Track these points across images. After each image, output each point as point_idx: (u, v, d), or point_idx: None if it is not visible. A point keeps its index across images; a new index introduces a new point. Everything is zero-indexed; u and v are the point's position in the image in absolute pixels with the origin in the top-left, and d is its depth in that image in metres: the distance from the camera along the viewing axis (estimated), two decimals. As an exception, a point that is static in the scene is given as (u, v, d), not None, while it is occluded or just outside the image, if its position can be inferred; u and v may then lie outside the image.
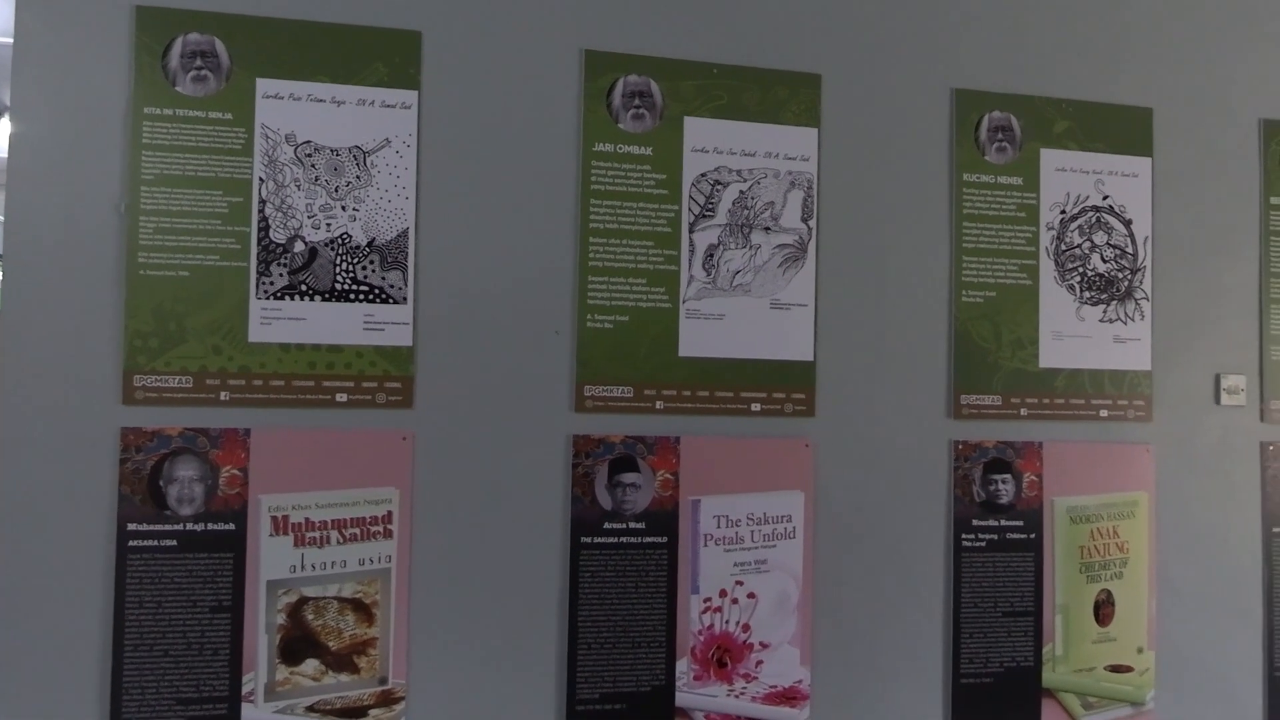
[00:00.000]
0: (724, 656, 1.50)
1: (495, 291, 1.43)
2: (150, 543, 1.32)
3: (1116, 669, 1.66)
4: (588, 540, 1.45)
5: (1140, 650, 1.67)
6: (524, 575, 1.43)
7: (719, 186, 1.52)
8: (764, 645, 1.51)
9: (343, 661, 1.39)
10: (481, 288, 1.42)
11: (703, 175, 1.51)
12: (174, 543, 1.32)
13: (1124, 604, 1.66)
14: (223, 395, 1.34)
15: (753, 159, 1.53)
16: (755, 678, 1.51)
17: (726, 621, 1.50)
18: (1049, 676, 1.62)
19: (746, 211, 1.53)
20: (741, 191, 1.53)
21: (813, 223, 1.56)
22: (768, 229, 1.54)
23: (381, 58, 1.40)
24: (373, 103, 1.40)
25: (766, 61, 1.55)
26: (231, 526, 1.34)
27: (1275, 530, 1.75)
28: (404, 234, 1.40)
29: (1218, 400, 1.73)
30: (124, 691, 1.30)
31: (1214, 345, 1.74)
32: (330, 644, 1.38)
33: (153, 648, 1.31)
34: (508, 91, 1.45)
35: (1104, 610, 1.66)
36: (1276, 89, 1.80)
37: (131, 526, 1.32)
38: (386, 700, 1.40)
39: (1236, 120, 1.77)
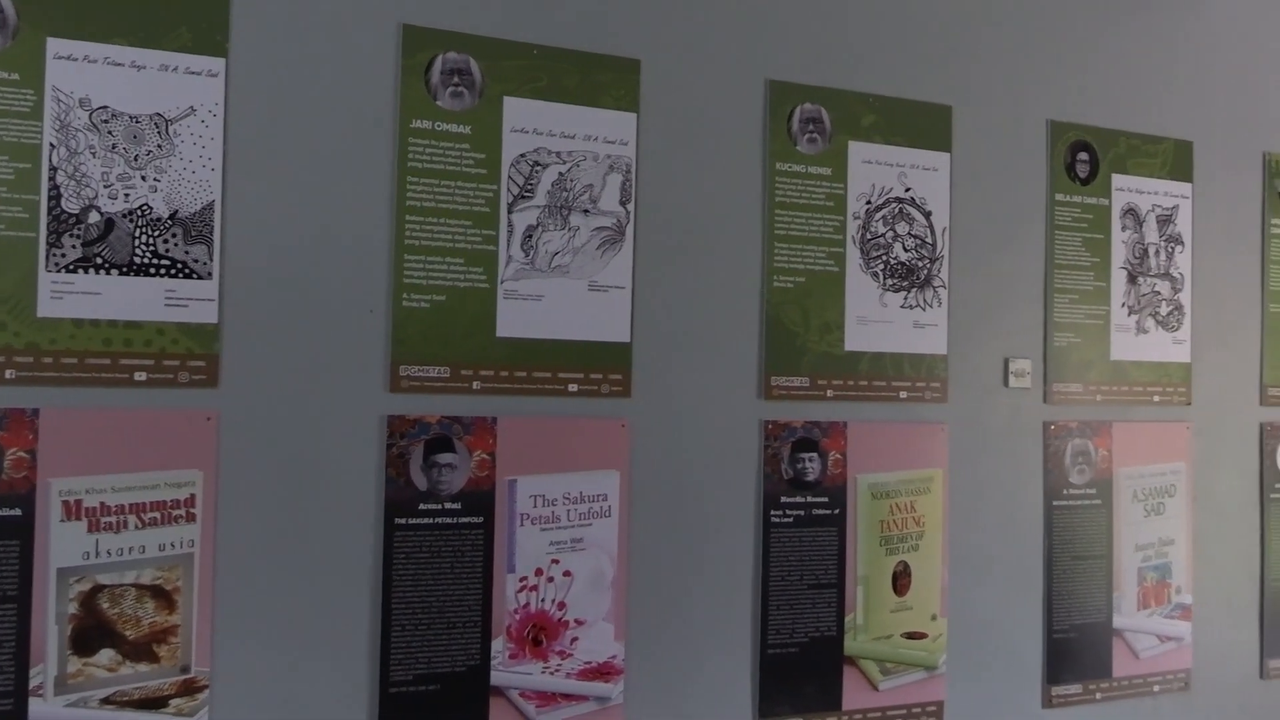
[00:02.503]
0: (539, 635, 2.06)
1: (307, 268, 1.90)
2: (-72, 528, 1.59)
3: (912, 636, 2.39)
4: (402, 521, 1.95)
5: (934, 618, 2.41)
6: (335, 558, 1.91)
7: (538, 168, 2.07)
8: (579, 622, 2.09)
9: (141, 651, 1.78)
10: (292, 264, 1.89)
11: (522, 156, 2.06)
12: (-46, 528, 1.63)
13: (920, 574, 2.40)
14: (8, 374, 1.70)
15: (572, 141, 2.10)
16: (570, 654, 2.08)
17: (542, 600, 2.06)
18: (850, 645, 2.31)
19: (565, 193, 2.09)
20: (561, 173, 2.09)
21: (631, 206, 2.15)
22: (586, 211, 2.11)
23: (186, 21, 1.82)
24: (176, 69, 1.82)
25: (587, 45, 2.12)
26: (17, 512, 1.70)
27: (1055, 504, 2.56)
28: (209, 207, 1.83)
29: (1006, 383, 2.51)
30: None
31: (1003, 331, 2.51)
32: (128, 633, 1.76)
33: (-69, 639, 1.54)
34: (322, 64, 1.92)
35: (901, 581, 2.39)
36: (1063, 92, 2.61)
37: (-92, 511, 1.63)
38: (189, 689, 1.80)
39: (1027, 120, 2.55)
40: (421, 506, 1.85)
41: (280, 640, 1.76)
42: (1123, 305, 2.50)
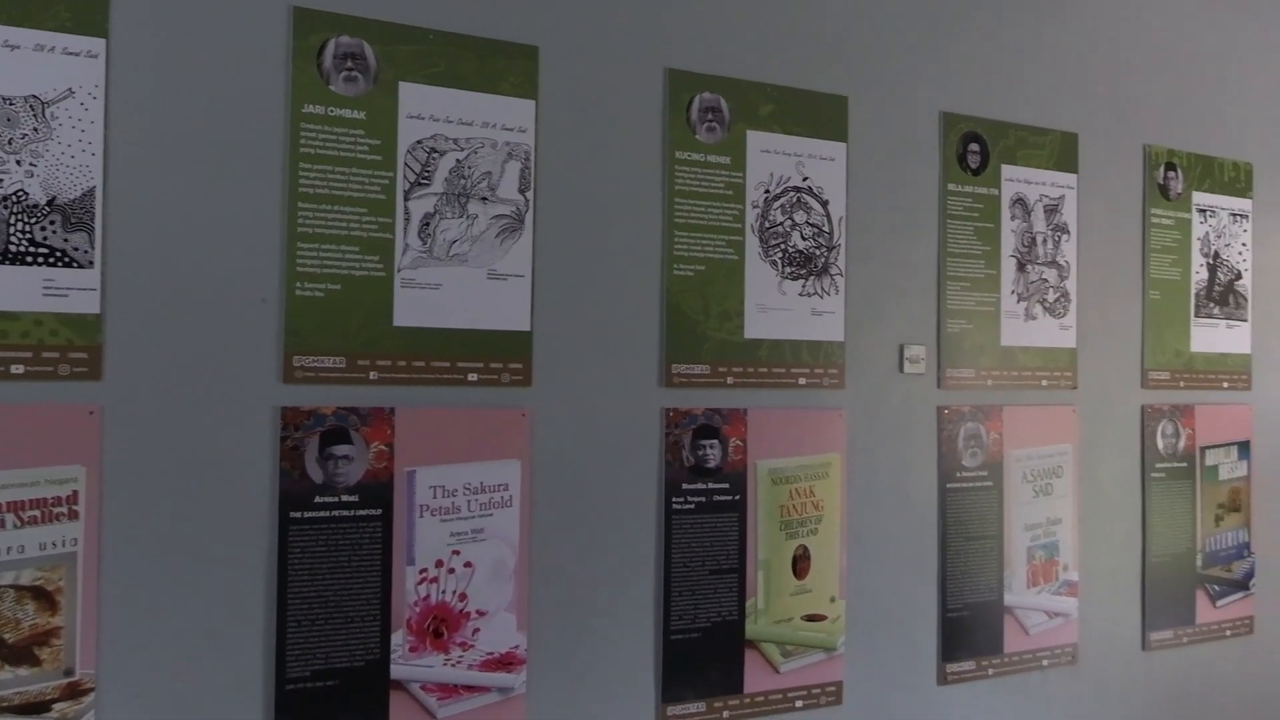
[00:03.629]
0: (440, 626, 2.14)
1: (195, 257, 1.94)
2: None
3: (812, 618, 2.55)
4: (298, 515, 2.01)
5: (833, 600, 2.58)
6: (228, 554, 1.95)
7: (435, 154, 2.15)
8: (481, 613, 2.18)
9: (21, 654, 1.78)
10: (179, 253, 1.93)
11: (419, 142, 2.13)
12: None
13: (819, 558, 2.57)
14: (-128, 366, 1.72)
15: (470, 128, 2.18)
16: (472, 645, 2.17)
17: (443, 592, 2.14)
18: (752, 628, 2.46)
19: (464, 181, 2.17)
20: (459, 160, 2.17)
21: (530, 194, 2.24)
22: (485, 199, 2.20)
23: (63, 0, 1.84)
24: (53, 49, 1.82)
25: (484, 30, 2.20)
26: (-115, 512, 1.71)
27: (949, 486, 2.76)
28: (90, 193, 1.85)
29: (901, 369, 2.69)
30: None
31: (898, 318, 2.68)
32: (6, 636, 1.76)
33: None
34: (210, 46, 1.95)
35: (801, 564, 2.55)
36: (955, 85, 2.80)
37: None
38: (73, 693, 1.82)
39: (920, 112, 2.73)
40: (317, 499, 1.91)
41: (170, 640, 1.80)
42: (1012, 292, 2.71)
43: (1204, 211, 3.05)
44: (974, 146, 2.62)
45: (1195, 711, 3.00)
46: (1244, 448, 3.14)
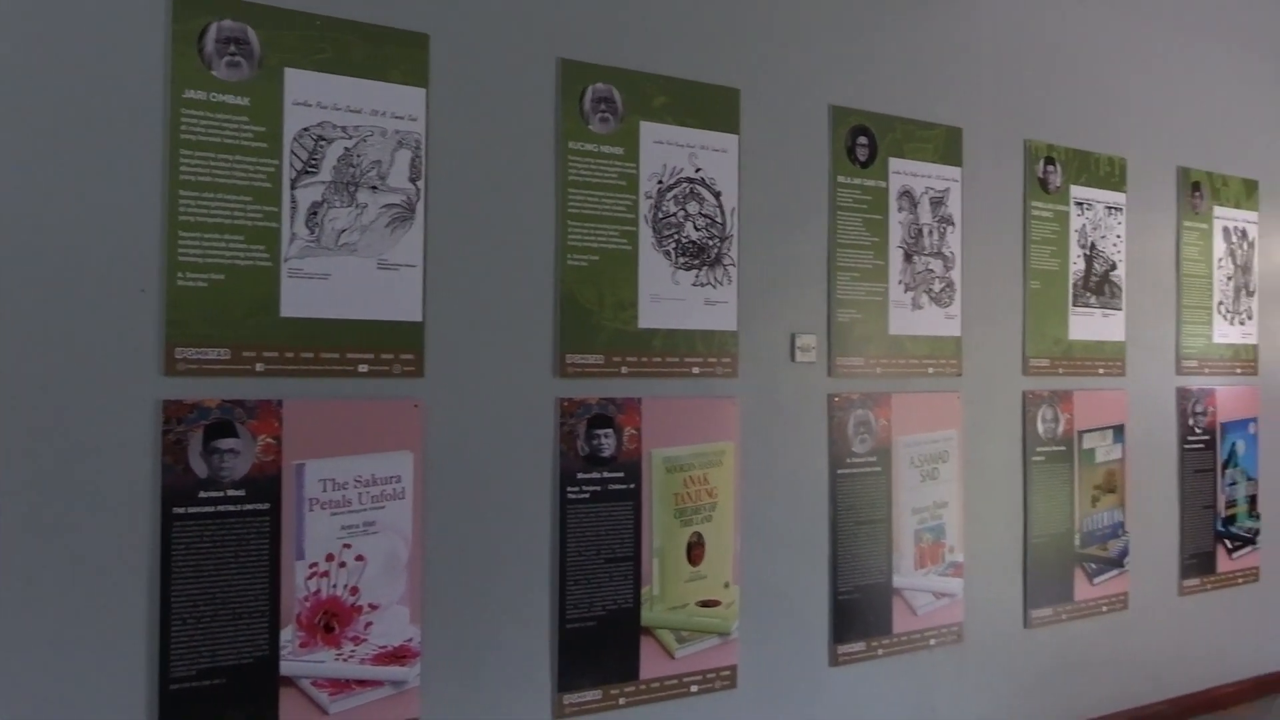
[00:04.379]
0: (331, 621, 2.18)
1: (71, 246, 1.92)
2: None
3: (706, 604, 2.66)
4: (181, 511, 2.02)
5: (727, 585, 2.70)
6: (108, 552, 1.95)
7: (323, 142, 2.17)
8: (373, 607, 2.22)
9: (-116, 660, 1.79)
10: (54, 242, 1.91)
11: (305, 130, 2.15)
12: None
13: (713, 544, 2.68)
14: None
15: (359, 116, 2.21)
16: (364, 639, 2.21)
17: (334, 586, 2.18)
18: (647, 615, 2.56)
19: (353, 169, 2.20)
20: (347, 149, 2.19)
21: (421, 183, 2.28)
22: (375, 188, 2.23)
23: (-80, -23, 1.80)
24: (-89, 28, 1.80)
25: (374, 17, 2.23)
26: None
27: (839, 472, 2.90)
28: (-46, 179, 1.83)
29: (793, 358, 2.82)
30: None
31: (790, 308, 2.81)
32: None
33: None
34: (84, 29, 1.92)
35: (696, 551, 2.66)
36: (844, 79, 2.94)
37: None
38: (-59, 698, 1.83)
39: (811, 105, 2.86)
40: (202, 494, 1.92)
41: (47, 642, 1.79)
42: (900, 282, 2.86)
43: (1081, 204, 3.26)
44: (863, 139, 2.75)
45: (1074, 684, 3.22)
46: (1119, 431, 3.36)
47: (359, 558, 2.04)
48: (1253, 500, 3.76)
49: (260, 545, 1.95)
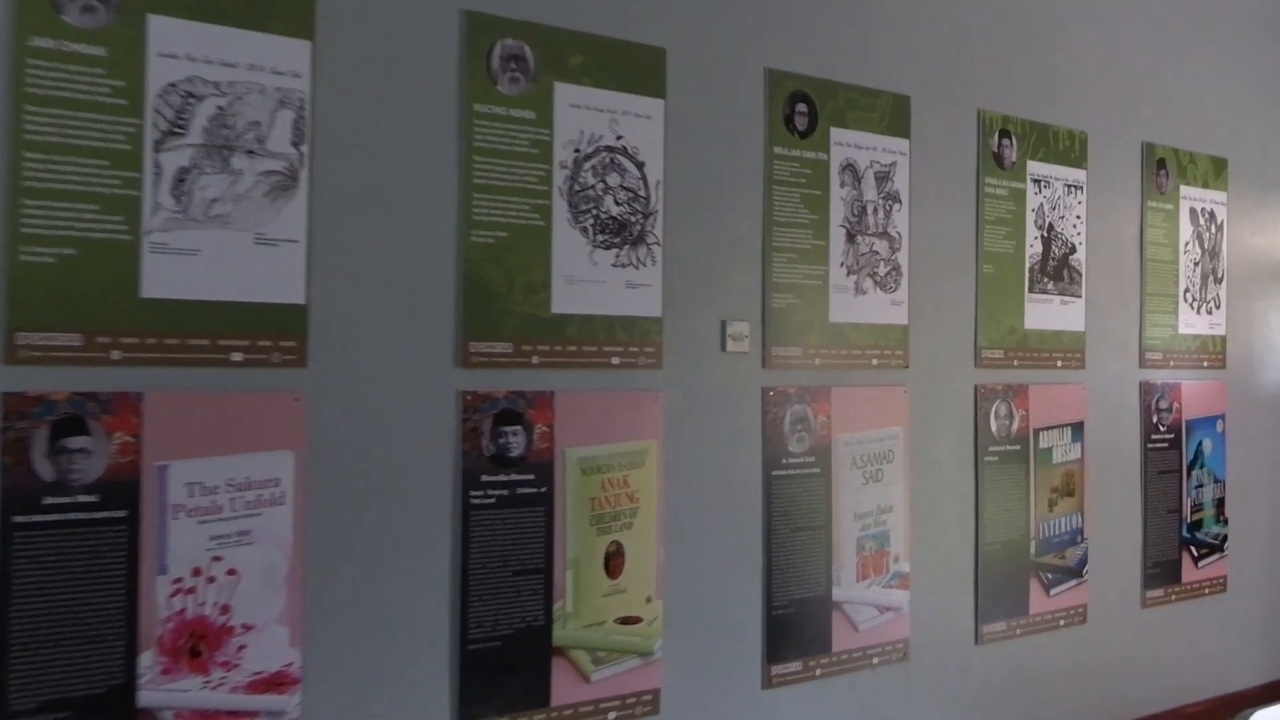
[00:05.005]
0: (199, 644, 2.16)
1: (-108, 214, 1.88)
2: None
3: (626, 621, 2.70)
4: (23, 519, 1.98)
5: (649, 600, 2.74)
6: (-63, 565, 1.92)
7: (192, 100, 2.15)
8: (247, 627, 2.21)
9: None
10: (-128, 209, 1.87)
11: (172, 85, 2.13)
12: None
13: (634, 554, 2.72)
14: None
15: (234, 70, 2.19)
16: (237, 665, 2.19)
17: (202, 604, 2.16)
18: (560, 634, 2.59)
19: (226, 131, 2.19)
20: (220, 108, 2.18)
21: (305, 148, 2.27)
22: (252, 152, 2.22)
23: None
24: None
25: (248, -43, 2.22)
26: None
27: (775, 474, 2.97)
28: None
29: (723, 347, 2.86)
30: None
31: (720, 292, 2.85)
32: None
33: None
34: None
35: (614, 562, 2.70)
36: (782, 40, 3.00)
37: None
38: None
39: (744, 68, 2.90)
40: (47, 501, 1.90)
41: None
42: (841, 265, 2.93)
43: (1038, 181, 3.37)
44: (801, 107, 2.82)
45: (1029, 704, 3.34)
46: (1077, 429, 3.49)
47: (231, 572, 2.04)
48: (1220, 504, 3.93)
49: (116, 558, 1.93)
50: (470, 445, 2.29)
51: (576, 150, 2.43)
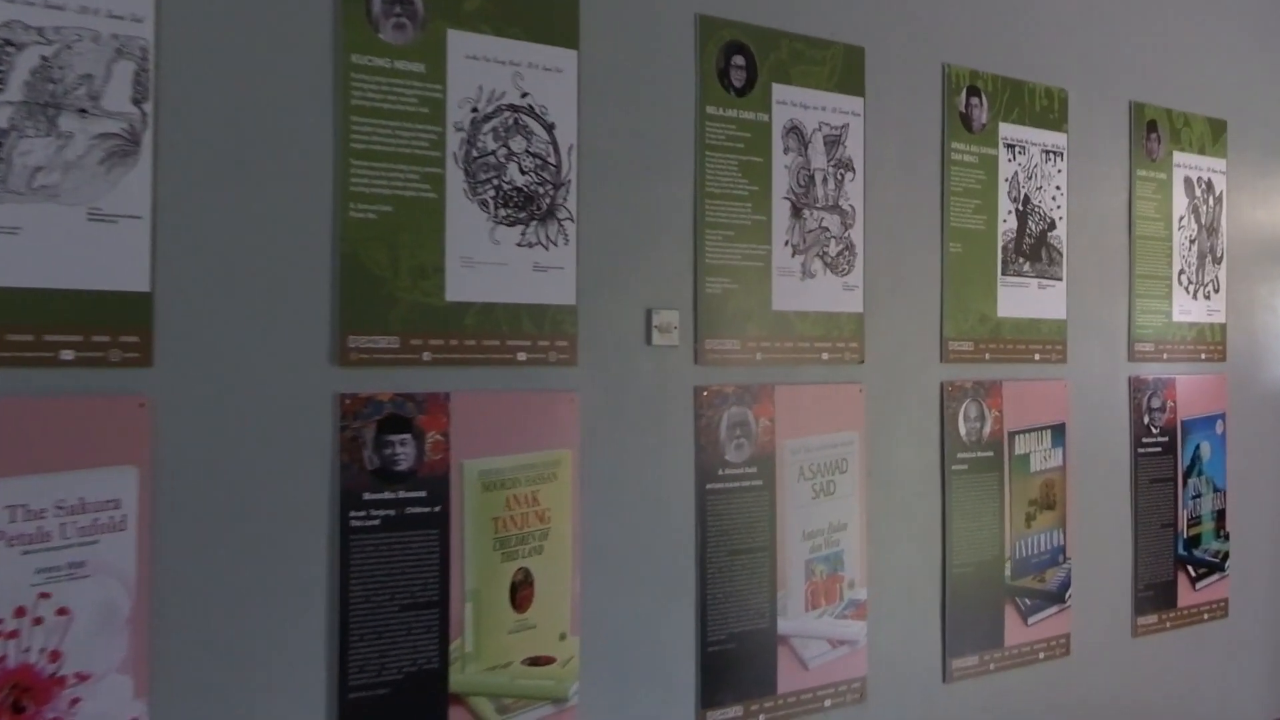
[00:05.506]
0: (22, 698, 2.11)
1: None
2: None
3: (536, 661, 2.70)
4: None
5: (563, 637, 2.75)
6: None
7: (10, 49, 2.11)
8: (82, 677, 2.15)
9: None
10: None
11: (-18, 30, 2.09)
12: None
13: (545, 584, 2.72)
14: None
15: (61, 14, 2.14)
16: (72, 720, 2.18)
17: (26, 650, 2.11)
18: (458, 678, 2.58)
19: (52, 86, 2.14)
20: (44, 58, 2.13)
21: (149, 106, 2.24)
22: (84, 112, 2.17)
23: None
24: None
25: (77, -122, 2.18)
26: None
27: (709, 487, 2.99)
28: None
29: (649, 340, 2.88)
30: None
31: (645, 276, 2.85)
32: None
33: None
34: None
35: (522, 593, 2.70)
36: (715, -20, 3.01)
37: None
38: None
39: (671, 13, 2.87)
40: None
41: None
42: (786, 244, 2.97)
43: (1012, 147, 3.45)
44: (738, 60, 2.85)
45: (1005, 751, 3.41)
46: (1058, 432, 3.58)
47: (62, 611, 2.02)
48: (1220, 516, 4.04)
49: (-79, 597, 1.90)
50: (350, 457, 2.29)
51: (474, 110, 2.44)
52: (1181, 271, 3.85)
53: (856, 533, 3.05)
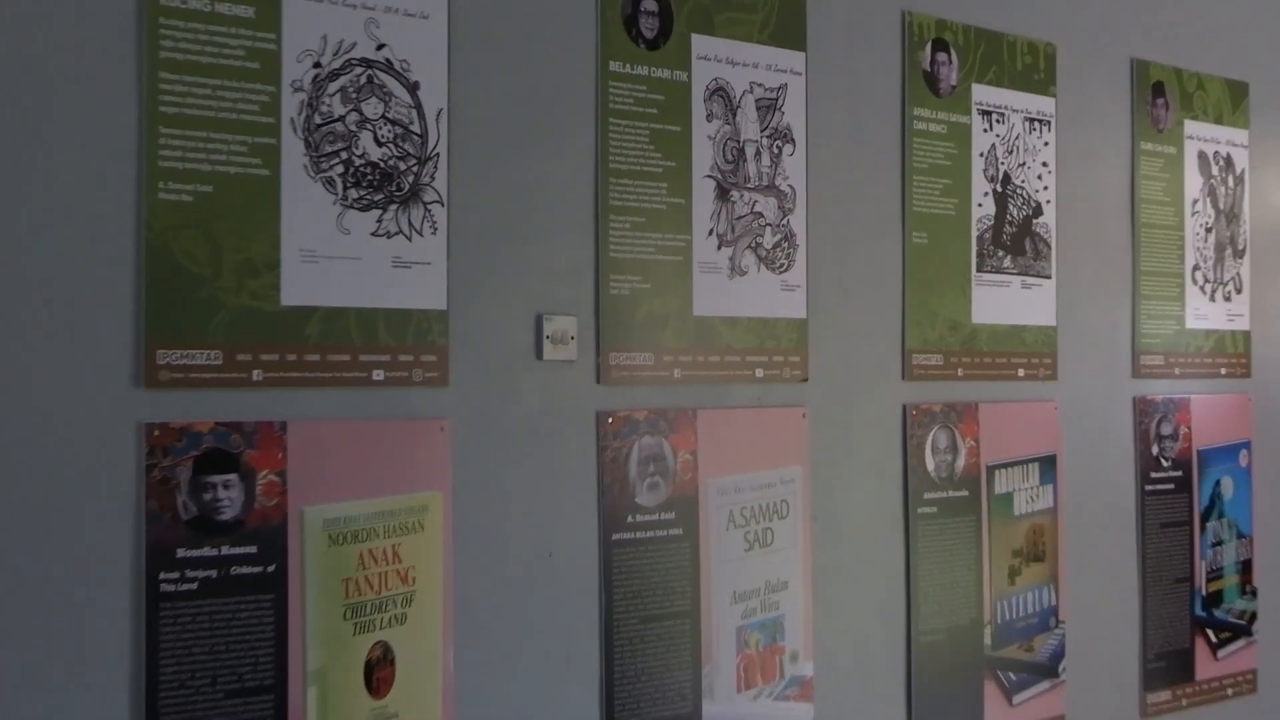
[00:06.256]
0: None
1: None
2: None
3: (399, 759, 2.71)
4: None
5: (433, 727, 2.75)
6: None
7: None
8: None
9: None
10: None
11: None
12: None
13: (408, 661, 2.68)
14: None
15: None
16: None
17: None
18: (299, 782, 2.58)
19: None
20: None
21: (-104, 57, 2.22)
22: None
23: None
24: None
25: None
26: None
27: (616, 537, 3.00)
28: None
29: (539, 353, 2.86)
30: None
31: (534, 273, 2.81)
32: None
33: None
34: None
35: (380, 673, 2.67)
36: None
37: None
38: None
39: None
40: None
41: None
42: (710, 233, 3.00)
43: (989, 114, 3.52)
44: (649, 3, 2.88)
45: None
46: (1048, 466, 3.65)
47: None
48: (1246, 568, 4.12)
49: None
50: (159, 504, 2.28)
51: (317, 65, 2.45)
52: (1196, 267, 3.94)
53: (800, 593, 3.10)
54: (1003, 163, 3.42)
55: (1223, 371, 3.97)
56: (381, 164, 2.54)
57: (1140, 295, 3.76)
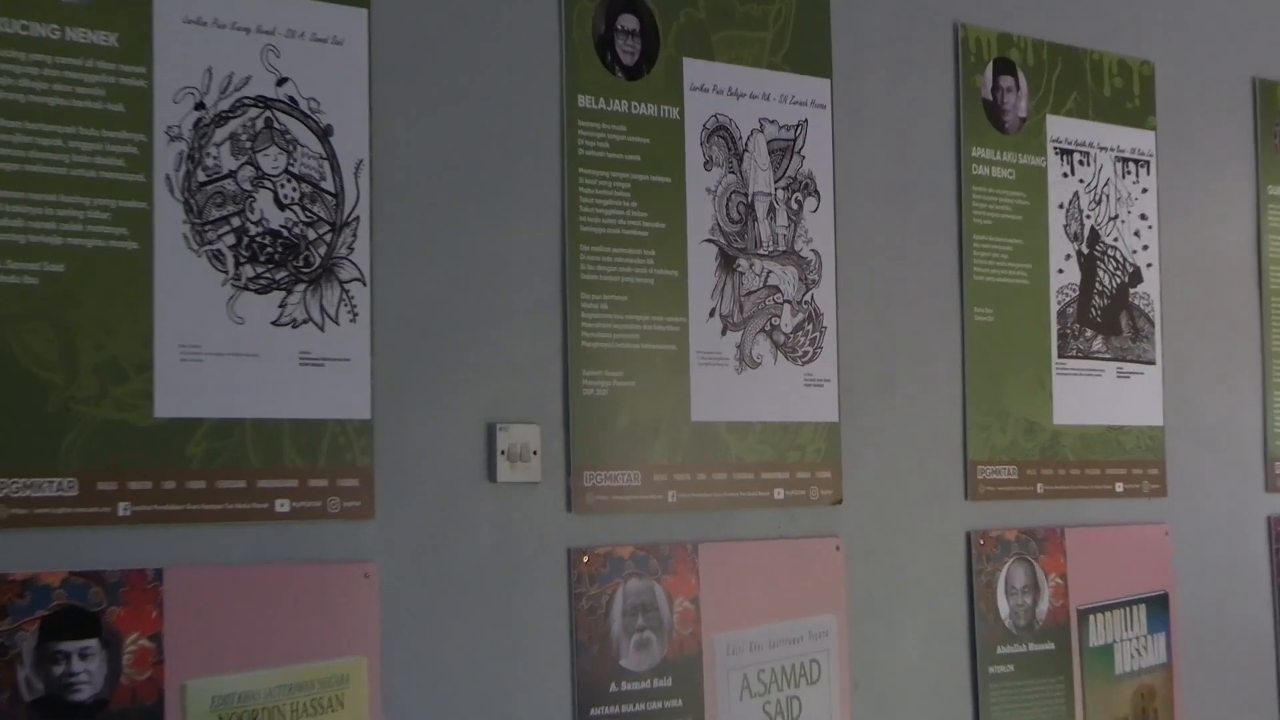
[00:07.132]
0: None
1: None
2: None
3: None
4: None
5: None
6: None
7: None
8: None
9: None
10: None
11: None
12: None
13: None
14: None
15: None
16: None
17: None
18: None
19: None
20: None
21: None
22: None
23: None
24: None
25: None
26: None
27: (595, 712, 2.89)
28: None
29: (493, 475, 2.90)
30: None
31: (484, 370, 2.79)
32: None
33: None
34: None
35: None
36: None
37: None
38: None
39: None
40: None
41: None
42: (713, 313, 3.01)
43: (1069, 154, 3.53)
44: (629, 21, 2.89)
45: None
46: (1158, 608, 3.64)
47: None
48: None
49: None
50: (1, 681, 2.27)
51: (200, 106, 2.47)
52: (1345, 344, 3.93)
53: (838, 781, 3.07)
54: (1089, 216, 3.44)
55: (1384, 480, 3.94)
56: (284, 232, 2.55)
57: (1272, 384, 3.73)
